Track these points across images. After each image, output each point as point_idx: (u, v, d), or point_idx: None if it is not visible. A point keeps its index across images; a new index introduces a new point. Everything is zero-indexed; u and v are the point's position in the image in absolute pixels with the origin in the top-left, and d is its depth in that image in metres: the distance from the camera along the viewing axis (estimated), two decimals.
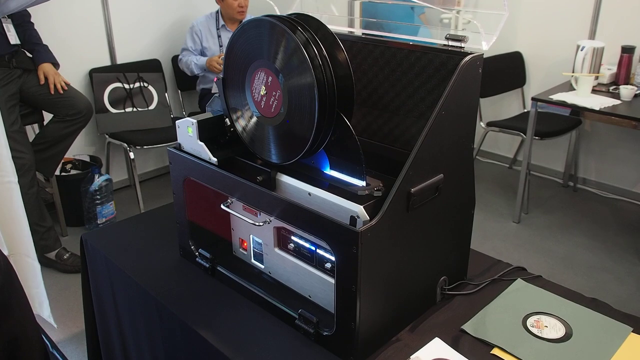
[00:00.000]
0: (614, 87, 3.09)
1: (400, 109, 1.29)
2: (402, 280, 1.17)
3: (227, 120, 1.32)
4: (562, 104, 2.97)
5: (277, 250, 1.30)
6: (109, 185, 3.14)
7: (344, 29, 1.36)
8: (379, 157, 1.28)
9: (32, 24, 2.84)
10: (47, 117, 2.92)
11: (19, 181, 1.99)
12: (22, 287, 1.22)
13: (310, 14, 1.15)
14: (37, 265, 2.06)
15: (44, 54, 2.81)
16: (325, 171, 1.22)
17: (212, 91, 3.39)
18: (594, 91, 3.04)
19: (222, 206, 1.32)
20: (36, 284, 2.08)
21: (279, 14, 1.17)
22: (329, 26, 1.14)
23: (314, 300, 1.24)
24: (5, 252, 2.00)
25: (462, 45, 1.17)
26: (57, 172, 3.07)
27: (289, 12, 1.14)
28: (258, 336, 1.21)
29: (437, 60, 1.21)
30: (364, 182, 1.13)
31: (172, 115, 3.55)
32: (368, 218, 1.02)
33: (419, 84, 1.25)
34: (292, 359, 1.15)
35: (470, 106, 1.20)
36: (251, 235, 1.36)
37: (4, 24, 2.65)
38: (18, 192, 1.94)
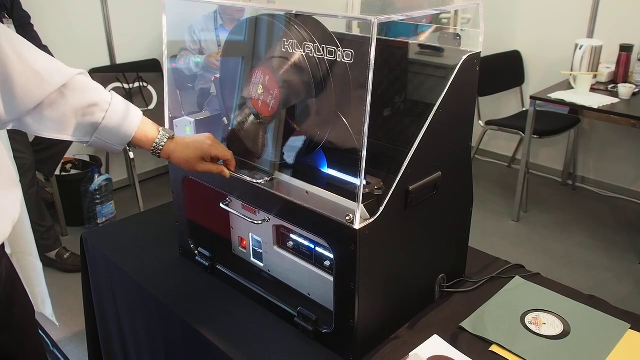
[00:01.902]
0: (613, 85, 3.09)
1: (398, 108, 1.30)
2: (400, 278, 1.18)
3: (224, 119, 1.33)
4: (561, 102, 2.97)
5: (276, 248, 1.30)
6: (108, 185, 3.15)
7: (341, 27, 1.36)
8: (378, 156, 1.28)
9: (32, 25, 2.84)
10: None
11: (19, 181, 1.99)
12: (28, 299, 1.21)
13: (307, 13, 1.15)
14: (39, 264, 2.07)
15: None
16: (323, 170, 1.22)
17: (210, 91, 3.39)
18: (592, 90, 3.04)
19: (221, 205, 1.33)
20: (39, 282, 2.09)
21: (275, 12, 1.17)
22: (327, 25, 1.14)
23: (313, 298, 1.24)
24: (9, 251, 2.01)
25: (459, 44, 1.18)
26: (57, 172, 3.08)
27: (286, 11, 1.15)
28: (257, 334, 1.22)
29: (435, 59, 1.22)
30: (364, 180, 1.13)
31: (171, 115, 3.55)
32: (368, 216, 1.03)
33: (417, 82, 1.26)
34: (291, 357, 1.15)
35: (468, 104, 1.21)
36: (250, 234, 1.37)
37: (5, 25, 2.65)
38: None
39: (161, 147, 1.13)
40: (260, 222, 1.27)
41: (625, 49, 3.10)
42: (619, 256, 2.92)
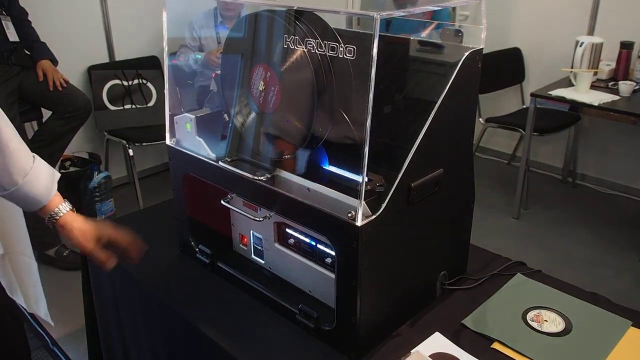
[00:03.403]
0: (613, 82, 3.09)
1: (400, 104, 1.29)
2: (402, 275, 1.17)
3: (225, 115, 1.32)
4: (561, 99, 2.96)
5: (277, 245, 1.30)
6: (108, 182, 3.14)
7: (341, 23, 1.35)
8: (380, 153, 1.28)
9: (30, 22, 2.83)
10: (46, 114, 2.91)
11: None
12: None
13: (308, 8, 1.14)
14: (34, 264, 2.06)
15: (42, 51, 2.80)
16: (324, 167, 1.22)
17: (210, 88, 3.38)
18: (592, 87, 3.04)
19: (222, 202, 1.32)
20: (33, 282, 2.08)
21: (276, 8, 1.16)
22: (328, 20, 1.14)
23: (315, 295, 1.24)
24: (1, 251, 1.99)
25: (460, 40, 1.17)
26: (56, 169, 3.07)
27: (287, 7, 1.14)
28: (258, 331, 1.21)
29: (437, 56, 1.21)
30: (366, 177, 1.12)
31: (170, 112, 3.55)
32: (370, 213, 1.02)
33: (419, 79, 1.25)
34: (292, 354, 1.15)
35: (470, 101, 1.21)
36: (251, 231, 1.36)
37: (2, 21, 2.64)
38: None
39: (60, 215, 1.18)
40: (261, 219, 1.26)
41: (626, 46, 3.09)
42: (620, 253, 2.92)
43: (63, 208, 1.19)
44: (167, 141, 1.40)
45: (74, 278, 2.58)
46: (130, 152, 3.24)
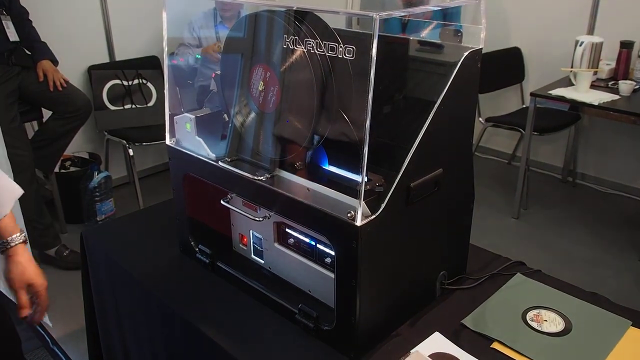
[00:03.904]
0: (613, 82, 3.08)
1: (399, 104, 1.29)
2: (402, 275, 1.17)
3: (225, 115, 1.32)
4: (561, 99, 2.96)
5: (277, 245, 1.30)
6: (108, 182, 3.14)
7: (341, 23, 1.35)
8: (379, 153, 1.28)
9: (30, 21, 2.83)
10: (46, 114, 2.92)
11: (18, 178, 1.97)
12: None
13: (308, 9, 1.14)
14: None
15: (42, 51, 2.80)
16: (324, 167, 1.22)
17: (210, 88, 3.38)
18: (592, 86, 3.04)
19: (222, 202, 1.32)
20: None
21: (276, 8, 1.16)
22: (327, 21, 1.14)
23: (314, 295, 1.24)
24: None
25: (460, 40, 1.18)
26: (57, 170, 3.07)
27: (287, 7, 1.14)
28: (258, 331, 1.22)
29: (436, 55, 1.21)
30: (366, 177, 1.12)
31: (170, 112, 3.55)
32: (370, 213, 1.02)
33: (418, 79, 1.25)
34: (292, 354, 1.15)
35: (469, 101, 1.21)
36: (251, 231, 1.36)
37: (3, 21, 2.64)
38: None
39: (15, 243, 1.16)
40: (260, 219, 1.26)
41: (626, 46, 3.09)
42: (619, 253, 2.92)
43: (19, 237, 1.18)
44: (167, 141, 1.40)
45: (74, 278, 2.58)
46: (130, 152, 3.24)
